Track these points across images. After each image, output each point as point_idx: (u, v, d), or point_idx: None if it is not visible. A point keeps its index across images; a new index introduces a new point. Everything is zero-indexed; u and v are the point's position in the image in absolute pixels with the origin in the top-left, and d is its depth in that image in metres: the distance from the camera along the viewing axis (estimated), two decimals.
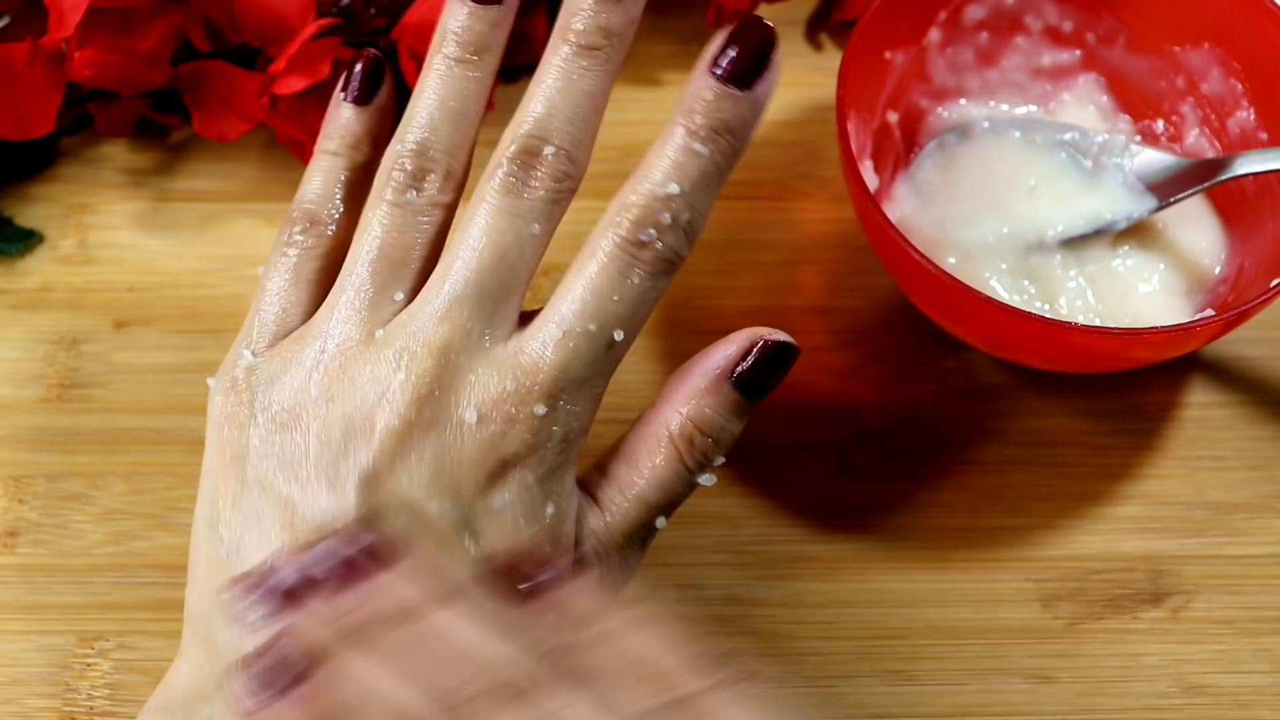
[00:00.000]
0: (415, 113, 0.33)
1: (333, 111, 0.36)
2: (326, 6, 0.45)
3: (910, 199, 0.44)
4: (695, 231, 0.31)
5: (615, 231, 0.31)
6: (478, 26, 0.33)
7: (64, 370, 0.43)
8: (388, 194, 0.32)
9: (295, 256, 0.34)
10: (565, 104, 0.32)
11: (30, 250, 0.45)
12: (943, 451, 0.42)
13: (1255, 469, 0.42)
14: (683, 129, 0.31)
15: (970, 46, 0.45)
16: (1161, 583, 0.40)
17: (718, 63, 0.31)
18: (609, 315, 0.31)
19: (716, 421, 0.32)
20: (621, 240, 0.31)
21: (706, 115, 0.31)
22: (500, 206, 0.31)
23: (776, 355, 0.33)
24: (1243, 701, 0.38)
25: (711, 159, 0.31)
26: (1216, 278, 0.42)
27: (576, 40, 0.32)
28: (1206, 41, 0.44)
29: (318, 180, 0.35)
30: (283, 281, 0.34)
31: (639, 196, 0.31)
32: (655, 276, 0.31)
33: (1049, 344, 0.38)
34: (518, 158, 0.31)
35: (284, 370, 0.32)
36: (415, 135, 0.33)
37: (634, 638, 0.27)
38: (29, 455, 0.41)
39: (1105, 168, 0.43)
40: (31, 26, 0.43)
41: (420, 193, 0.32)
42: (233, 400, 0.32)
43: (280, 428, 0.31)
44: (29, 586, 0.39)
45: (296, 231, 0.34)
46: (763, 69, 0.31)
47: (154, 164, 0.47)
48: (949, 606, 0.39)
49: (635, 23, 0.33)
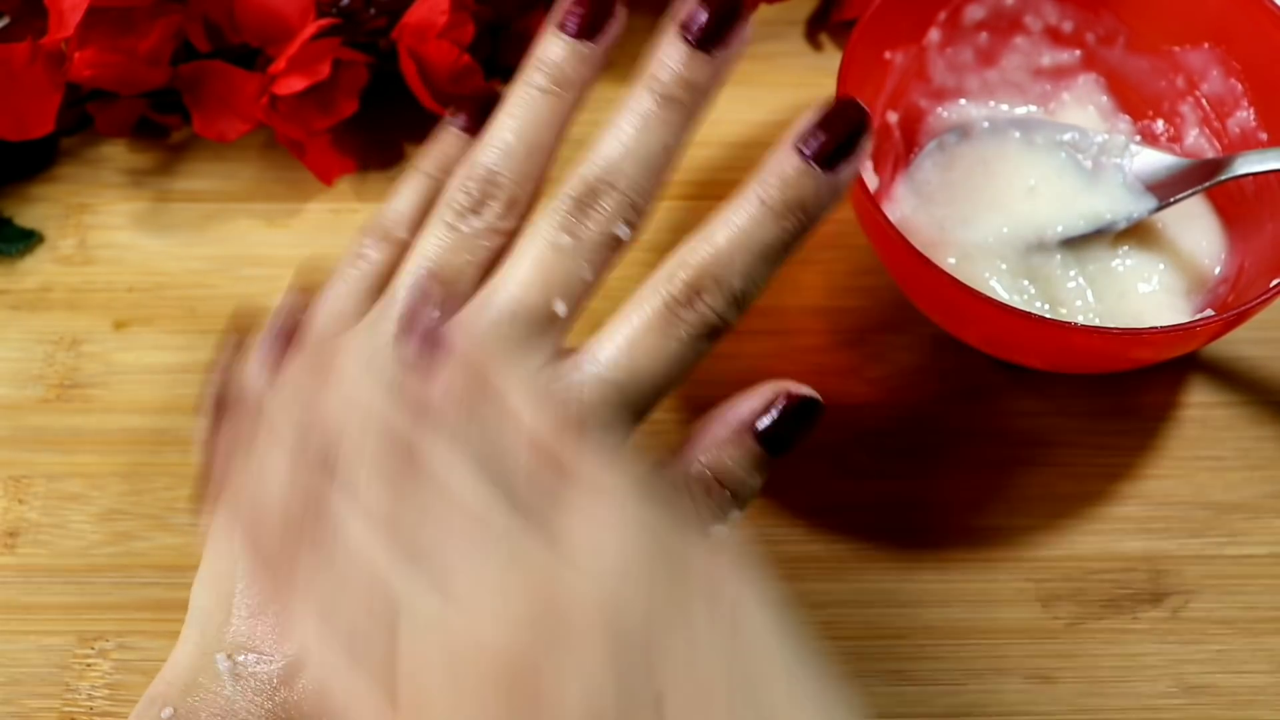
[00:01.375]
0: (491, 138, 0.33)
1: (441, 135, 0.36)
2: (326, 6, 0.45)
3: (910, 199, 0.44)
4: (748, 302, 0.31)
5: (667, 288, 0.30)
6: (569, 61, 0.33)
7: (64, 370, 0.43)
8: (447, 215, 0.32)
9: (359, 268, 0.34)
10: (638, 152, 0.31)
11: (30, 250, 0.45)
12: (943, 451, 0.42)
13: (1255, 469, 0.42)
14: (757, 199, 0.30)
15: (970, 46, 0.45)
16: (1161, 583, 0.40)
17: (806, 142, 0.30)
18: (643, 372, 0.30)
19: (736, 474, 0.31)
20: (670, 299, 0.30)
21: (784, 190, 0.30)
22: (553, 242, 0.31)
23: (800, 410, 0.32)
24: (1242, 701, 0.38)
25: (780, 235, 0.30)
26: (1216, 278, 0.42)
27: (660, 90, 0.32)
28: (1206, 41, 0.44)
29: (404, 198, 0.35)
30: (341, 290, 0.34)
31: (697, 258, 0.30)
32: (697, 340, 0.30)
33: (1049, 344, 0.38)
34: (581, 197, 0.31)
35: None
36: (486, 160, 0.32)
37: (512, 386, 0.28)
38: (29, 455, 0.41)
39: (1105, 168, 0.43)
40: (31, 26, 0.43)
41: (480, 217, 0.32)
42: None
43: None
44: (29, 586, 0.39)
45: (368, 244, 0.34)
46: (850, 154, 0.31)
47: (154, 164, 0.47)
48: (949, 606, 0.39)
49: (722, 82, 0.33)
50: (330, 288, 0.34)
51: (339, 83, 0.44)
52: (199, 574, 0.31)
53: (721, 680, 0.24)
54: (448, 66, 0.44)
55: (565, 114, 0.33)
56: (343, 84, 0.44)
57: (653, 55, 0.32)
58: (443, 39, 0.44)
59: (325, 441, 0.27)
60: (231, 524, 0.29)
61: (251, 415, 0.29)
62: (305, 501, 0.27)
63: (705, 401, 0.43)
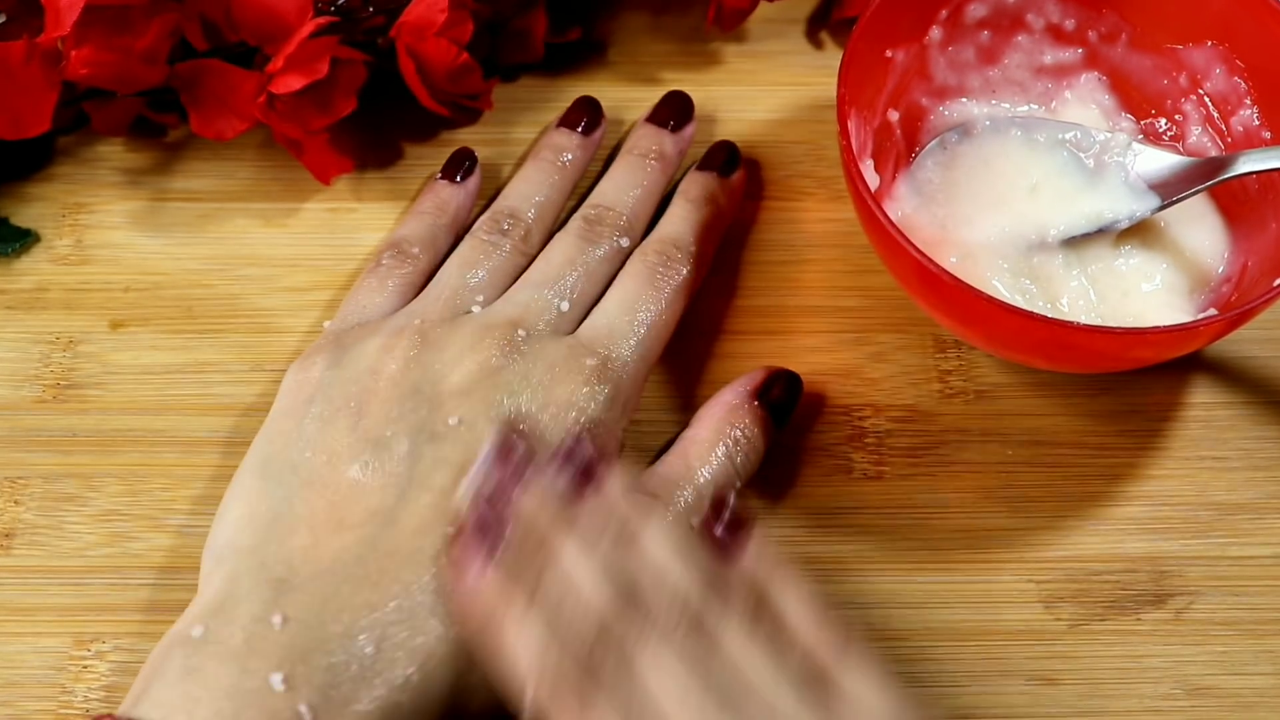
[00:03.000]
0: (519, 186, 0.43)
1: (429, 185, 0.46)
2: (324, 5, 0.44)
3: (911, 198, 0.44)
4: None
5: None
6: (571, 145, 0.45)
7: (60, 371, 0.43)
8: (480, 232, 0.42)
9: (382, 272, 0.41)
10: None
11: (26, 250, 0.45)
12: (943, 451, 0.42)
13: (1259, 469, 0.41)
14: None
15: (972, 45, 0.45)
16: (1164, 584, 0.39)
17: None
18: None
19: (745, 437, 0.39)
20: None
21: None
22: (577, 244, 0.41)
23: (792, 381, 0.40)
24: (1246, 703, 0.38)
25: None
26: (1219, 277, 0.42)
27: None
28: (1209, 39, 0.43)
29: (414, 223, 0.43)
30: (369, 286, 0.41)
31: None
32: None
33: (1050, 344, 0.38)
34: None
35: (368, 334, 0.38)
36: (514, 202, 0.43)
37: (790, 595, 0.31)
38: (25, 456, 0.41)
39: (1107, 166, 0.43)
40: (28, 25, 0.43)
41: (506, 237, 0.42)
42: (309, 360, 0.38)
43: (355, 376, 0.37)
44: (25, 588, 0.39)
45: (386, 256, 0.42)
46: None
47: (150, 163, 0.47)
48: (950, 607, 0.39)
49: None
50: (357, 287, 0.41)
51: (337, 81, 0.43)
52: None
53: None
54: (446, 65, 0.44)
55: (575, 177, 0.45)
56: (341, 83, 0.44)
57: None
58: (441, 37, 0.44)
59: (635, 594, 0.30)
60: (536, 621, 0.30)
61: (541, 536, 0.31)
62: (616, 638, 0.29)
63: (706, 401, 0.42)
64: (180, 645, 0.32)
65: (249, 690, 0.31)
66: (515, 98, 0.49)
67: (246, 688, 0.31)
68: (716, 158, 0.45)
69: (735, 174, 0.45)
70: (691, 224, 0.42)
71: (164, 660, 0.32)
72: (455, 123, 0.48)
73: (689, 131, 0.46)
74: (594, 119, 0.46)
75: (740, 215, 0.46)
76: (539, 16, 0.48)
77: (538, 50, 0.48)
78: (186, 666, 0.32)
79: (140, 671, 0.33)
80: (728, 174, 0.44)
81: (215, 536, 0.36)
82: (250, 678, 0.31)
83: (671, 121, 0.45)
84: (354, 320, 0.40)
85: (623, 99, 0.48)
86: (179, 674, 0.32)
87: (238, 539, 0.35)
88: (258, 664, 0.31)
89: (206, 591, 0.34)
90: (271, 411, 0.38)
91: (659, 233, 0.42)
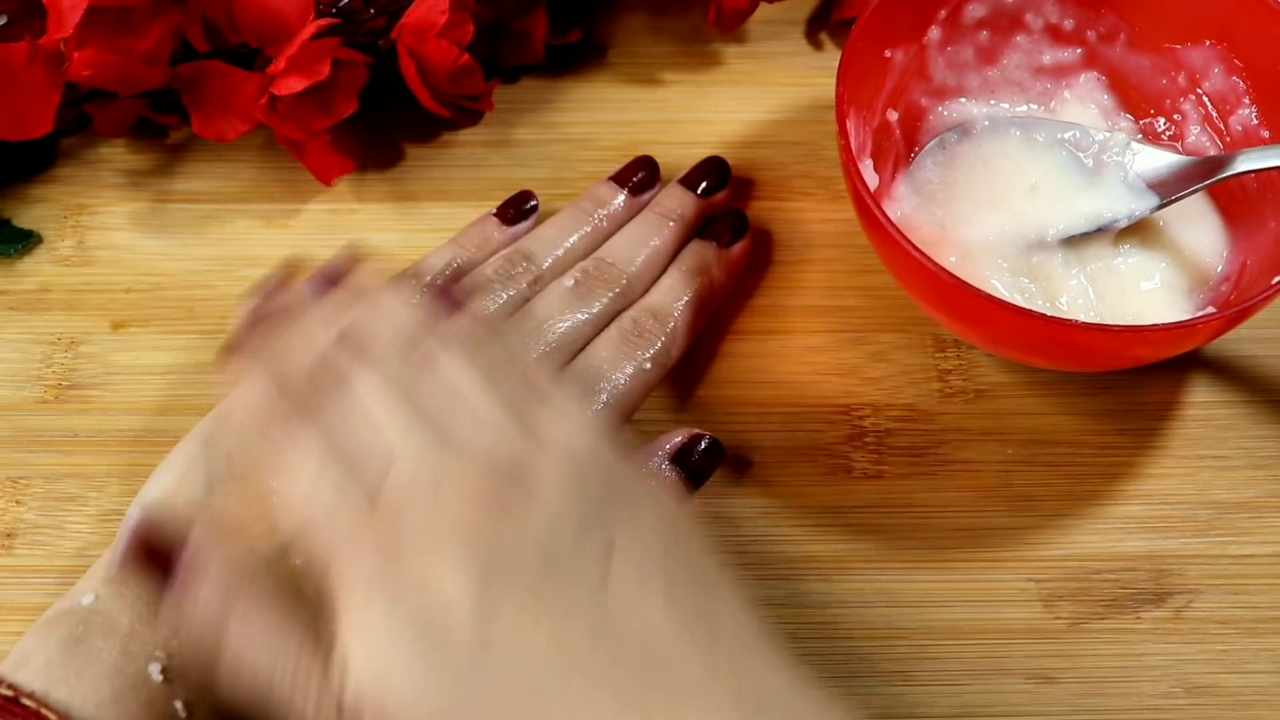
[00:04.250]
0: (548, 231, 0.43)
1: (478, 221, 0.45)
2: (325, 7, 0.45)
3: (911, 198, 0.44)
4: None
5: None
6: (615, 201, 0.44)
7: (62, 371, 0.43)
8: (488, 270, 0.42)
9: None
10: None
11: (28, 251, 0.45)
12: (942, 451, 0.42)
13: (1258, 468, 0.41)
14: None
15: (971, 45, 0.45)
16: (1164, 582, 0.39)
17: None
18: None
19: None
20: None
21: None
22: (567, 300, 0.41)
23: (711, 448, 0.39)
24: (1246, 701, 0.38)
25: None
26: (1218, 275, 0.42)
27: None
28: (1208, 39, 0.43)
29: (447, 257, 0.43)
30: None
31: None
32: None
33: (1050, 342, 0.38)
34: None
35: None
36: (536, 246, 0.42)
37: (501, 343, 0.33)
38: (27, 456, 0.41)
39: (1106, 166, 0.43)
40: (30, 26, 0.43)
41: (512, 283, 0.41)
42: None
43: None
44: (26, 588, 0.39)
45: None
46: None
47: (152, 165, 0.47)
48: (950, 607, 0.39)
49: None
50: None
51: (338, 83, 0.43)
52: (214, 412, 0.36)
53: (660, 546, 0.29)
54: (447, 66, 0.44)
55: (598, 239, 0.44)
56: (342, 84, 0.44)
57: None
58: (442, 39, 0.44)
59: (359, 337, 0.32)
60: (261, 373, 0.32)
61: (292, 314, 0.33)
62: (333, 368, 0.31)
63: (706, 401, 0.43)
64: (70, 613, 0.32)
65: (128, 674, 0.31)
66: (516, 99, 0.49)
67: (127, 671, 0.31)
68: (722, 226, 0.44)
69: (738, 246, 0.44)
70: (678, 296, 0.41)
71: (53, 625, 0.32)
72: (456, 124, 0.48)
73: (720, 197, 0.45)
74: (648, 180, 0.44)
75: None
76: (539, 18, 0.48)
77: (538, 52, 0.48)
78: (72, 636, 0.32)
79: (27, 632, 0.33)
80: (730, 245, 0.43)
81: (147, 490, 0.35)
82: (130, 661, 0.31)
83: (703, 185, 0.44)
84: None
85: (623, 100, 0.48)
86: (63, 643, 0.32)
87: (166, 501, 0.34)
88: (138, 648, 0.31)
89: (115, 549, 0.34)
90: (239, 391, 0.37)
91: (644, 301, 0.41)
